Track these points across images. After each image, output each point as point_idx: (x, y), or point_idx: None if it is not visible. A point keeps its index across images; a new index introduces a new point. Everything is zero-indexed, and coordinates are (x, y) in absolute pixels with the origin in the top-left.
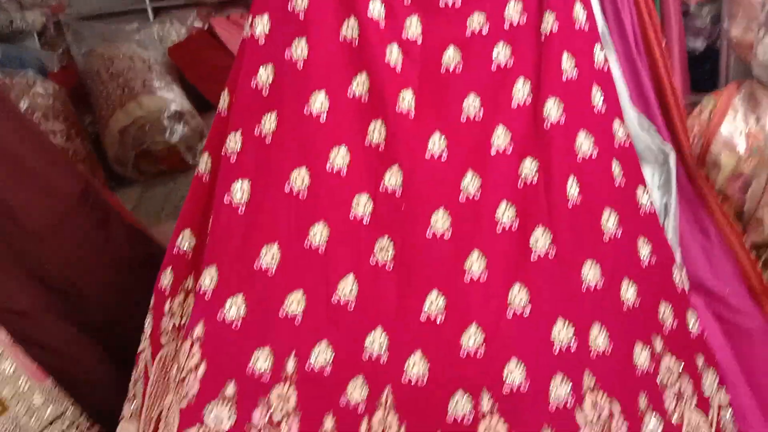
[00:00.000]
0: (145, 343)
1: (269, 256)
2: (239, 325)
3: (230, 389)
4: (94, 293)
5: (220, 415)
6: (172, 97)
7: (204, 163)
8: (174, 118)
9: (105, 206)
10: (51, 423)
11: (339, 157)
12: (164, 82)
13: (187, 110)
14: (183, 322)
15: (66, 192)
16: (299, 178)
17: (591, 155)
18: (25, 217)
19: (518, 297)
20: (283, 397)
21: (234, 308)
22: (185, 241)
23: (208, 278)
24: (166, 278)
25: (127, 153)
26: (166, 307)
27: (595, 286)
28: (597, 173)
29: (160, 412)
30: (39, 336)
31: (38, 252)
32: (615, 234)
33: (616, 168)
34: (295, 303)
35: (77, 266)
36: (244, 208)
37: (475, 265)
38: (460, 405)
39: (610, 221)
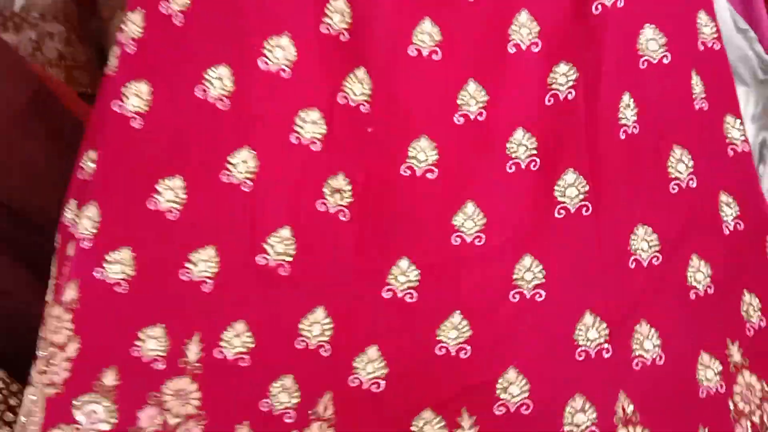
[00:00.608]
0: (49, 295)
1: (170, 193)
2: (126, 290)
3: (109, 378)
4: (53, 219)
5: (95, 412)
6: None
7: (114, 58)
8: None
9: (61, 113)
10: None
11: (278, 50)
12: None
13: None
14: None
15: (8, 100)
16: (218, 80)
17: (660, 60)
18: None
19: (529, 274)
20: (182, 394)
21: (118, 265)
22: (91, 165)
23: (87, 220)
24: (69, 212)
25: None
26: (69, 249)
27: (650, 262)
28: (667, 89)
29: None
30: None
31: None
32: (687, 184)
33: (696, 84)
34: (203, 263)
35: (29, 190)
36: (141, 121)
37: (470, 221)
38: (428, 429)
39: (681, 164)
